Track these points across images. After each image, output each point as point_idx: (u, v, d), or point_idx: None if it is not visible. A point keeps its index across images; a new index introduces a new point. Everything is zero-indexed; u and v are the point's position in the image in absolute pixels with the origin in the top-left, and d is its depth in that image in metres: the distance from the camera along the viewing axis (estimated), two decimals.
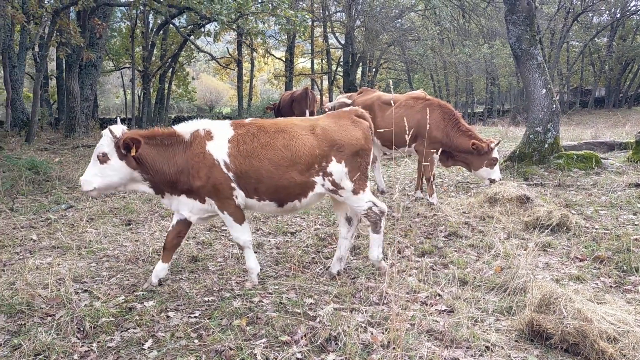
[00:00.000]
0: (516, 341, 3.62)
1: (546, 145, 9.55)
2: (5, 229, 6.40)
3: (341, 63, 35.67)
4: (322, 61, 42.35)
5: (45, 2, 15.95)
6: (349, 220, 4.92)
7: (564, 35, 33.44)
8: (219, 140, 4.45)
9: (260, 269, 4.83)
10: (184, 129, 4.51)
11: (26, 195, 8.35)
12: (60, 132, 18.07)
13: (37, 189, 8.80)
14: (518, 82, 36.21)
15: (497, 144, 7.29)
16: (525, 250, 5.35)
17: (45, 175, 9.35)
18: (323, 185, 4.57)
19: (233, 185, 4.45)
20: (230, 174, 4.41)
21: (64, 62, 25.15)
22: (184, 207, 4.59)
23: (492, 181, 7.40)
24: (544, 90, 9.58)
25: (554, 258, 5.28)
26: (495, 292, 4.42)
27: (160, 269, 4.68)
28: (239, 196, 4.52)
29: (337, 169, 4.54)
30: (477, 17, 27.41)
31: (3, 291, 4.32)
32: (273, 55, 38.50)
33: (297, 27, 12.86)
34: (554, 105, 9.61)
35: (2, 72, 15.95)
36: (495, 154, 7.29)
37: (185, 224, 4.73)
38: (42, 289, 4.39)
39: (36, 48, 20.97)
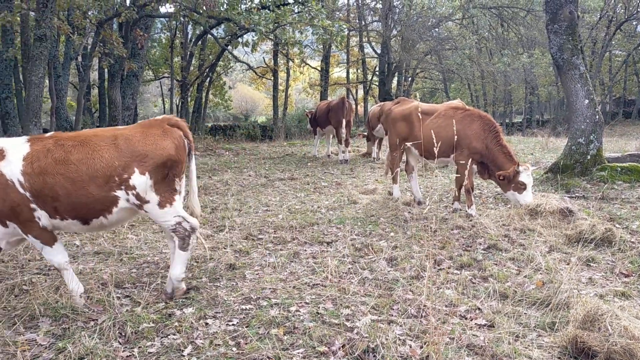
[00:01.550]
0: (559, 358, 3.53)
1: (589, 157, 9.30)
2: None
3: (377, 72, 35.65)
4: (357, 70, 42.40)
5: (89, 13, 16.47)
6: None
7: (606, 44, 32.58)
8: (13, 158, 4.11)
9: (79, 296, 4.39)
10: None
11: None
12: None
13: None
14: (558, 91, 35.47)
15: (519, 165, 6.83)
16: (567, 264, 5.22)
17: None
18: (128, 199, 4.30)
19: (33, 206, 4.14)
20: (27, 194, 4.10)
21: (105, 72, 25.94)
22: None
23: (522, 207, 7.08)
24: (587, 101, 9.35)
25: (598, 273, 5.12)
26: (537, 307, 4.31)
27: None
28: (42, 217, 4.20)
29: (141, 181, 4.27)
30: (516, 25, 27.04)
31: (48, 295, 4.43)
32: (309, 64, 38.73)
33: (334, 37, 12.93)
34: (597, 116, 9.37)
35: (48, 81, 16.47)
36: (523, 178, 6.84)
37: None
38: (85, 293, 4.49)
39: (79, 58, 21.66)
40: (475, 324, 4.02)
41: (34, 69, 11.27)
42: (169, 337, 3.85)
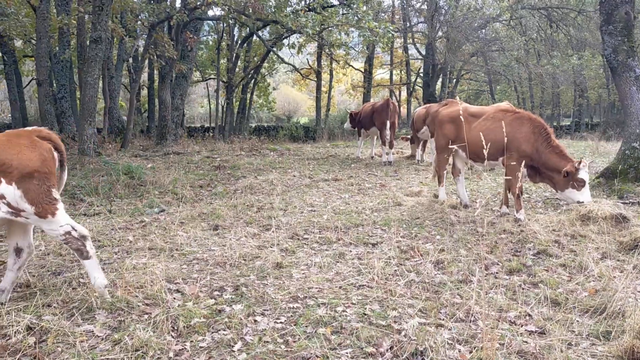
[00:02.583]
0: None
1: None
2: (104, 230, 6.84)
3: (421, 74, 35.36)
4: (400, 72, 42.13)
5: (141, 16, 16.98)
6: (18, 251, 4.52)
7: None
8: None
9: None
10: None
11: (122, 199, 8.88)
12: (151, 139, 19.09)
13: (132, 192, 9.34)
14: (609, 94, 34.33)
15: (580, 162, 6.70)
16: (621, 272, 5.07)
17: (139, 180, 9.91)
18: (0, 208, 4.18)
19: None
20: None
21: (154, 73, 26.67)
22: None
23: (580, 204, 6.96)
24: None
25: None
26: (590, 315, 4.21)
27: None
28: None
29: (9, 191, 4.16)
30: (565, 26, 26.33)
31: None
32: (352, 66, 38.74)
33: (381, 39, 12.91)
34: None
35: (102, 82, 17.07)
36: (582, 175, 6.72)
37: None
38: (138, 287, 4.64)
39: (131, 60, 22.35)
40: (526, 330, 3.95)
41: (90, 70, 11.72)
42: (219, 332, 3.93)
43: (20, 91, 24.18)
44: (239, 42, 28.55)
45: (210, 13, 18.02)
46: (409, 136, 16.03)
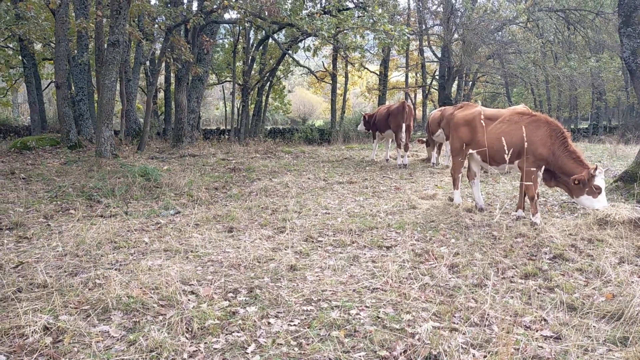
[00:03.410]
0: None
1: None
2: (121, 231, 6.91)
3: (436, 77, 35.20)
4: (416, 75, 41.99)
5: (158, 20, 17.15)
6: None
7: None
8: None
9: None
10: None
11: (138, 200, 8.96)
12: (167, 141, 19.24)
13: (148, 194, 9.42)
14: (628, 97, 33.86)
15: (596, 169, 6.56)
16: (639, 277, 5.00)
17: (155, 182, 9.99)
18: None
19: None
20: None
21: (171, 76, 26.88)
22: None
23: (598, 211, 6.80)
24: None
25: None
26: (607, 320, 4.15)
27: None
28: None
29: None
30: (583, 29, 26.04)
31: (120, 289, 4.64)
32: (367, 69, 38.71)
33: (396, 42, 12.89)
34: None
35: (119, 85, 17.25)
36: (598, 182, 6.60)
37: None
38: (153, 288, 4.68)
39: (148, 63, 22.57)
40: (541, 335, 3.91)
41: (107, 73, 11.86)
42: (233, 334, 3.95)
43: (40, 94, 24.54)
44: (255, 45, 28.67)
45: (227, 16, 18.08)
46: (424, 139, 15.96)
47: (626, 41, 9.20)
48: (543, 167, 7.10)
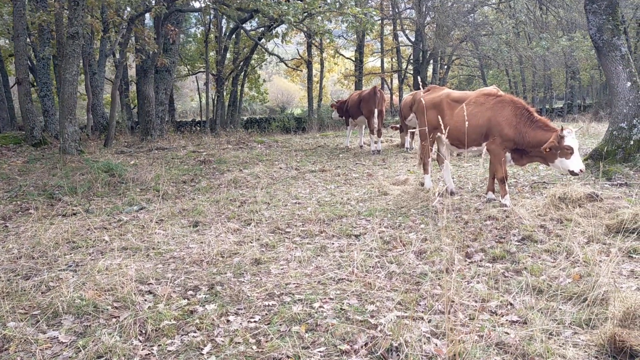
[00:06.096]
0: (596, 357, 3.31)
1: (631, 142, 8.84)
2: (80, 230, 6.66)
3: (411, 61, 35.10)
4: (392, 60, 41.87)
5: (126, 10, 16.68)
6: None
7: None
8: None
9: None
10: None
11: (101, 197, 8.70)
12: (137, 135, 18.84)
13: (112, 190, 9.15)
14: (600, 75, 34.14)
15: (562, 129, 6.41)
16: (607, 256, 4.94)
17: (120, 178, 9.72)
18: None
19: None
20: None
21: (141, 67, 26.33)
22: None
23: (573, 173, 6.52)
24: (629, 84, 8.88)
25: None
26: (573, 302, 4.07)
27: None
28: None
29: None
30: (554, 8, 26.07)
31: (73, 292, 4.44)
32: (342, 55, 38.45)
33: (365, 25, 12.69)
34: None
35: (84, 78, 16.79)
36: (568, 142, 6.38)
37: None
38: (109, 290, 4.49)
39: (117, 55, 22.05)
40: (507, 320, 3.82)
41: (68, 66, 11.48)
42: (189, 334, 3.79)
43: (8, 91, 23.89)
44: (227, 33, 28.21)
45: (195, 5, 17.69)
46: (398, 125, 15.85)
47: (592, 18, 9.14)
48: (511, 149, 7.01)
